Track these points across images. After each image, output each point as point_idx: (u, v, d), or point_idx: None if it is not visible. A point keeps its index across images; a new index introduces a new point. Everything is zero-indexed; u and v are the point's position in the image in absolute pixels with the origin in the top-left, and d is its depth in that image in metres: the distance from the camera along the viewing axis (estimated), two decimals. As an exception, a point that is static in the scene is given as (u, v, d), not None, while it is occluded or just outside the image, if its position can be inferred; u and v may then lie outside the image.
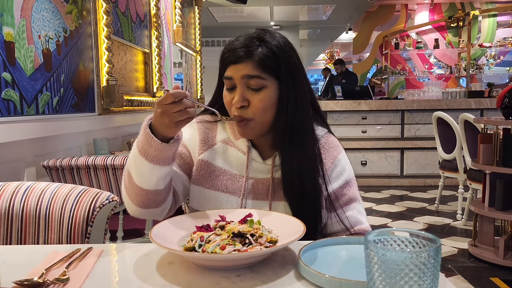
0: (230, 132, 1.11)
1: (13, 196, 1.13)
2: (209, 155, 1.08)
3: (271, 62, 0.99)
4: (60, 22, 2.34)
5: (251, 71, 0.97)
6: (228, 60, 1.00)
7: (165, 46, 4.51)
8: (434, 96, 6.45)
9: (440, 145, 4.03)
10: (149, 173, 0.92)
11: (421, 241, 0.54)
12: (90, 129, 2.70)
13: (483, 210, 2.78)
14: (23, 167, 2.06)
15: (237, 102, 0.98)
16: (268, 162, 1.06)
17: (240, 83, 0.98)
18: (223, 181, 1.05)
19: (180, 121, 0.87)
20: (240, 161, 1.07)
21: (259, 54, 0.98)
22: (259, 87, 0.98)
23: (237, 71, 0.98)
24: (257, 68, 0.97)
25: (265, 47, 0.99)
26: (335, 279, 0.66)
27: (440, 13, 8.11)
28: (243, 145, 1.07)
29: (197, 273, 0.74)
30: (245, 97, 0.98)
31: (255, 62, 0.98)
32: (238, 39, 1.02)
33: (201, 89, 6.23)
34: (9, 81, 1.87)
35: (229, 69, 1.00)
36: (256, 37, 1.00)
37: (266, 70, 0.98)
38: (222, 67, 1.02)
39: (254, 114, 0.99)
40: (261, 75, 0.98)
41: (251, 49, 0.98)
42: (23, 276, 0.71)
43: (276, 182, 1.04)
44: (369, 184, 5.19)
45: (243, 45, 0.99)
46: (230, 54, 1.00)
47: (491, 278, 2.54)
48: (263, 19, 8.85)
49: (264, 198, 1.03)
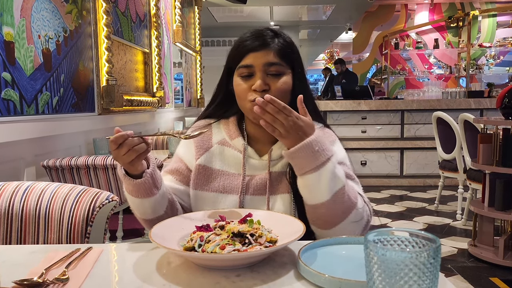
0: (225, 133, 1.12)
1: (13, 195, 1.13)
2: (206, 158, 1.10)
3: (288, 52, 1.05)
4: (60, 22, 2.34)
5: (272, 58, 1.02)
6: (247, 49, 1.03)
7: (165, 46, 4.51)
8: (434, 96, 6.45)
9: (439, 145, 4.03)
10: (141, 206, 0.97)
11: (421, 241, 0.54)
12: (90, 129, 2.70)
13: (483, 210, 2.78)
14: (23, 166, 2.06)
15: (260, 86, 1.00)
16: (264, 158, 1.07)
17: (261, 70, 1.02)
18: (221, 182, 1.07)
19: (133, 160, 0.89)
20: (237, 160, 1.08)
21: (277, 43, 1.04)
22: (279, 74, 1.03)
23: (258, 59, 1.02)
24: (277, 55, 1.03)
25: (281, 38, 1.06)
26: (335, 279, 0.66)
27: (440, 13, 8.12)
28: (239, 144, 1.09)
29: (197, 273, 0.74)
30: (266, 82, 1.01)
31: (275, 50, 1.03)
32: (246, 35, 1.06)
33: (201, 89, 6.23)
34: (9, 81, 1.87)
35: (248, 57, 1.03)
36: (266, 29, 1.06)
37: (284, 58, 1.03)
38: (238, 56, 1.04)
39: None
40: (280, 62, 1.03)
41: (268, 39, 1.04)
42: (22, 276, 0.71)
43: (274, 176, 1.06)
44: (369, 184, 5.19)
45: (260, 34, 1.04)
46: (249, 43, 1.03)
47: (491, 278, 2.54)
48: (263, 19, 8.84)
49: (262, 193, 1.05)
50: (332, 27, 9.87)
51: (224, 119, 1.15)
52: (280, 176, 1.06)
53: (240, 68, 1.04)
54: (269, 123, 0.88)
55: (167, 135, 0.98)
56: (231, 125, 1.12)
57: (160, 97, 4.01)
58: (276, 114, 0.87)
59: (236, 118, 1.13)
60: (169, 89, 4.68)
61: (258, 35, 1.04)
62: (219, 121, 1.16)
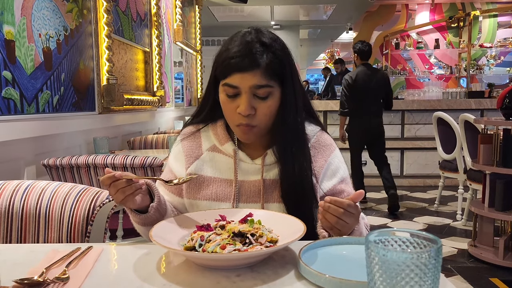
0: (214, 139, 1.09)
1: (13, 194, 1.13)
2: (197, 166, 1.07)
3: (277, 68, 0.97)
4: (61, 20, 2.34)
5: (260, 80, 0.95)
6: (232, 68, 0.95)
7: (166, 45, 4.51)
8: (434, 96, 6.45)
9: (440, 145, 4.03)
10: (147, 231, 0.95)
11: (422, 242, 0.54)
12: (90, 128, 2.70)
13: (483, 210, 2.78)
14: (23, 165, 2.06)
15: (245, 111, 0.95)
16: (257, 162, 1.05)
17: (247, 92, 0.95)
18: (213, 189, 1.05)
19: (122, 200, 0.89)
20: (228, 166, 1.06)
21: (266, 61, 0.95)
22: (267, 95, 0.97)
23: (245, 81, 0.95)
24: (265, 76, 0.95)
25: (270, 52, 0.97)
26: (336, 279, 0.66)
27: (440, 13, 8.11)
28: (230, 148, 1.06)
29: (197, 273, 0.74)
30: (252, 105, 0.96)
31: (263, 70, 0.95)
32: (234, 43, 0.98)
33: (201, 88, 6.23)
34: (10, 80, 1.87)
35: (234, 77, 0.95)
36: (255, 41, 0.97)
37: (273, 77, 0.96)
38: (223, 73, 0.97)
39: (260, 121, 0.98)
40: (269, 83, 0.96)
41: (257, 56, 0.95)
42: (23, 275, 0.71)
43: (268, 183, 1.03)
44: (369, 184, 5.18)
45: (247, 51, 0.95)
46: (234, 62, 0.95)
47: (491, 278, 2.54)
48: (264, 18, 8.84)
49: (256, 200, 1.02)
50: (333, 27, 9.86)
51: (211, 123, 1.11)
52: (274, 184, 1.03)
53: (225, 85, 0.97)
54: (332, 224, 0.85)
55: (154, 179, 0.99)
56: (220, 130, 1.09)
57: (160, 96, 4.01)
58: (341, 216, 0.84)
59: (224, 122, 1.08)
60: (169, 88, 4.68)
61: (247, 52, 0.94)
62: (207, 126, 1.12)
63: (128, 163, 2.00)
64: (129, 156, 2.02)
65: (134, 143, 3.17)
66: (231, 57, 0.96)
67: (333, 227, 0.86)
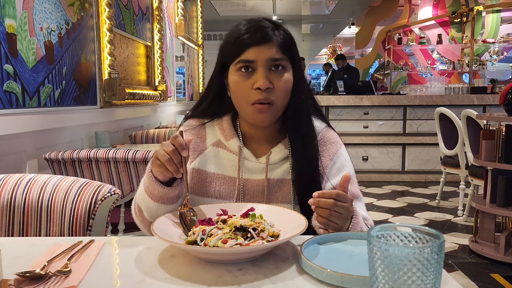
0: (220, 133, 1.07)
1: (15, 188, 1.13)
2: (200, 161, 1.05)
3: (290, 45, 0.98)
4: (62, 14, 2.33)
5: (276, 53, 0.95)
6: (247, 44, 0.94)
7: (167, 39, 4.50)
8: (437, 92, 6.42)
9: (442, 141, 4.02)
10: (156, 210, 0.94)
11: (424, 237, 0.53)
12: (91, 122, 2.70)
13: (484, 206, 2.78)
14: (25, 159, 2.07)
15: (264, 84, 0.93)
16: (261, 161, 1.03)
17: (264, 65, 0.94)
18: (216, 187, 1.03)
19: (171, 168, 0.86)
20: (232, 163, 1.04)
21: (279, 36, 0.96)
22: (283, 70, 0.97)
23: (261, 54, 0.94)
24: (281, 50, 0.96)
25: (282, 30, 0.98)
26: (337, 274, 0.66)
27: (443, 8, 8.06)
28: (235, 145, 1.04)
29: (199, 267, 0.74)
30: (269, 80, 0.95)
31: (279, 43, 0.95)
32: (241, 26, 0.97)
33: (203, 83, 6.22)
34: (11, 73, 1.87)
35: (250, 52, 0.94)
36: (266, 20, 0.98)
37: (287, 53, 0.97)
38: (237, 51, 0.96)
39: (277, 97, 0.96)
40: (284, 57, 0.96)
41: (268, 31, 0.95)
42: (25, 268, 0.71)
43: (272, 183, 1.01)
44: (370, 180, 5.19)
45: (258, 27, 0.95)
46: (248, 37, 0.94)
47: (492, 274, 2.54)
48: (266, 12, 8.81)
49: (259, 200, 1.01)
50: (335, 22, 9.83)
51: (217, 118, 1.09)
52: (278, 184, 1.01)
53: (239, 62, 0.95)
54: (326, 218, 0.83)
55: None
56: (226, 125, 1.06)
57: (162, 91, 4.00)
58: (332, 207, 0.82)
59: (230, 117, 1.07)
60: (171, 82, 4.67)
61: (258, 28, 0.95)
62: (213, 121, 1.09)
63: (130, 157, 2.00)
64: (130, 150, 2.02)
65: (135, 137, 3.18)
66: (243, 34, 0.96)
67: (328, 222, 0.84)
